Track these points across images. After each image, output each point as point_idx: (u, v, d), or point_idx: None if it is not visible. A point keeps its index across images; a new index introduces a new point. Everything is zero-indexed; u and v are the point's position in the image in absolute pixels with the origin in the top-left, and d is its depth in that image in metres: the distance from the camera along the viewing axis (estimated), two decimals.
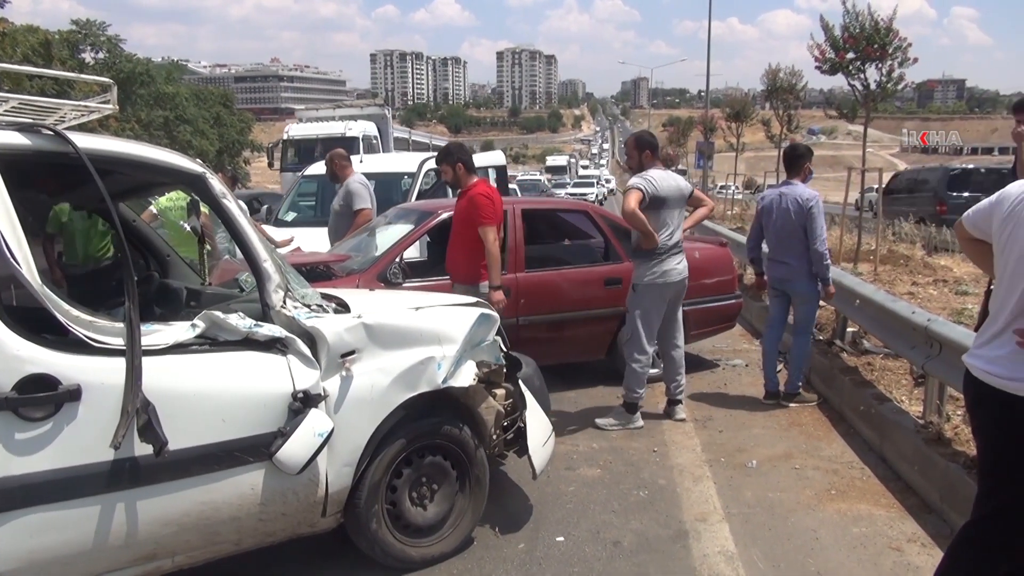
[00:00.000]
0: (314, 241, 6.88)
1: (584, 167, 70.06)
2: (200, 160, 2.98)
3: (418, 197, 8.27)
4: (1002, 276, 2.34)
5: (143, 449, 2.42)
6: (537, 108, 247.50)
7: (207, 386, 2.62)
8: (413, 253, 5.84)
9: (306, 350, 2.82)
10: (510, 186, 15.57)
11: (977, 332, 2.62)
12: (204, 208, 3.89)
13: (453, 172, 4.86)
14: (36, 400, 2.30)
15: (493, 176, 10.63)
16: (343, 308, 3.10)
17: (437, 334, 3.19)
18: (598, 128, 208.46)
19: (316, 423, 2.73)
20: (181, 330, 2.66)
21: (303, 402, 2.74)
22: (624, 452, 4.63)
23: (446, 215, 5.22)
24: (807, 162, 5.44)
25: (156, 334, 2.59)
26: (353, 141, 15.93)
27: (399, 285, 5.02)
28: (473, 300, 3.73)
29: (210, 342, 2.70)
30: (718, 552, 3.38)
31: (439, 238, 5.43)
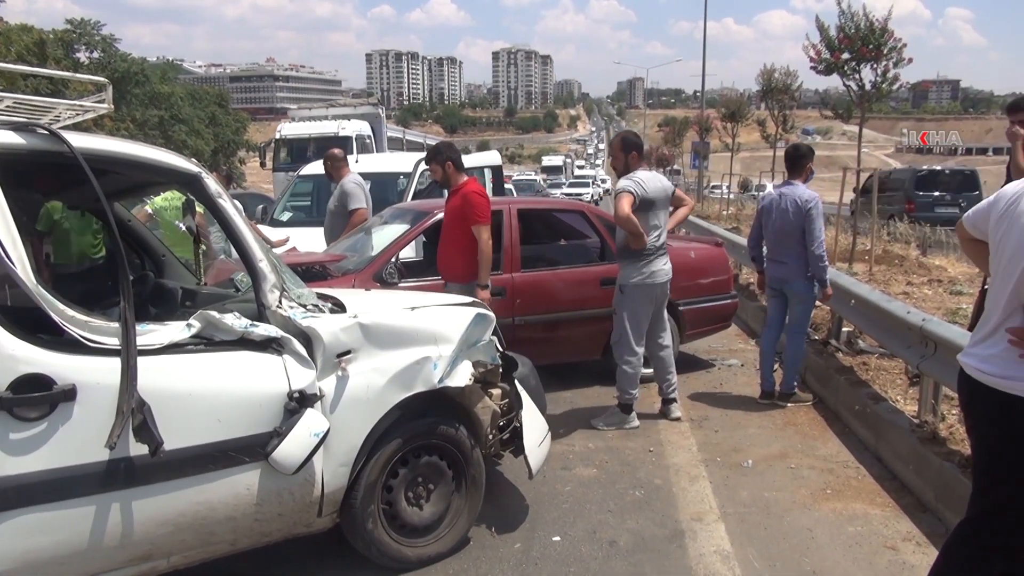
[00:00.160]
0: (310, 241, 6.89)
1: (580, 167, 70.00)
2: (195, 160, 2.97)
3: (414, 197, 8.26)
4: (995, 275, 2.35)
5: (138, 449, 2.41)
6: (533, 108, 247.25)
7: (203, 386, 2.62)
8: (409, 253, 5.84)
9: (302, 350, 2.82)
10: (506, 186, 15.51)
11: (971, 331, 2.63)
12: (200, 208, 3.89)
13: (443, 171, 4.86)
14: (31, 400, 2.30)
15: (489, 176, 10.61)
16: (339, 308, 3.10)
17: (433, 334, 3.19)
18: (594, 128, 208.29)
19: (312, 423, 2.72)
20: (176, 330, 2.65)
21: (299, 402, 2.73)
22: (620, 452, 4.63)
23: (442, 215, 5.22)
24: (809, 162, 5.41)
25: (151, 334, 2.58)
26: (346, 141, 15.68)
27: (395, 285, 5.03)
28: (469, 300, 3.73)
29: (206, 342, 2.69)
30: (714, 551, 3.39)
31: (435, 238, 5.43)
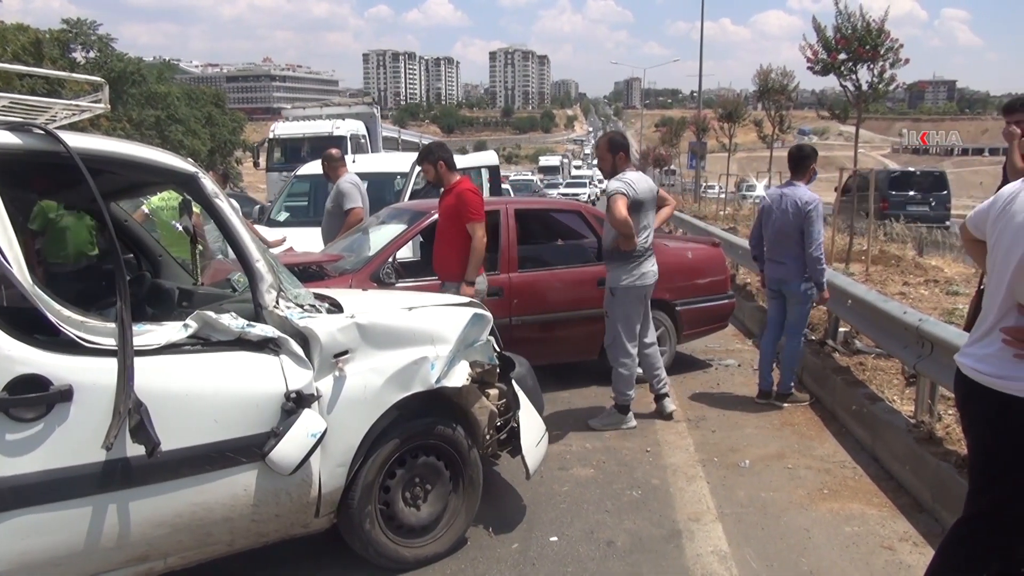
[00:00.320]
0: (307, 241, 6.88)
1: (577, 167, 70.02)
2: (192, 160, 2.96)
3: (411, 197, 8.25)
4: (991, 275, 2.36)
5: (135, 450, 2.41)
6: (530, 108, 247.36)
7: (199, 386, 2.62)
8: (406, 253, 5.83)
9: (299, 350, 2.81)
10: (503, 186, 15.52)
11: (968, 332, 2.63)
12: (196, 208, 3.88)
13: (435, 171, 4.86)
14: (27, 401, 2.29)
15: (486, 176, 10.61)
16: (336, 308, 3.09)
17: (430, 334, 3.19)
18: (591, 128, 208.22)
19: (309, 423, 2.72)
20: (173, 330, 2.65)
21: (296, 402, 2.73)
22: (617, 452, 4.63)
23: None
24: (813, 163, 5.38)
25: (148, 334, 2.57)
26: (341, 140, 15.58)
27: (392, 285, 5.02)
28: (466, 300, 3.73)
29: (202, 342, 2.69)
30: (711, 552, 3.39)
31: (432, 238, 5.43)
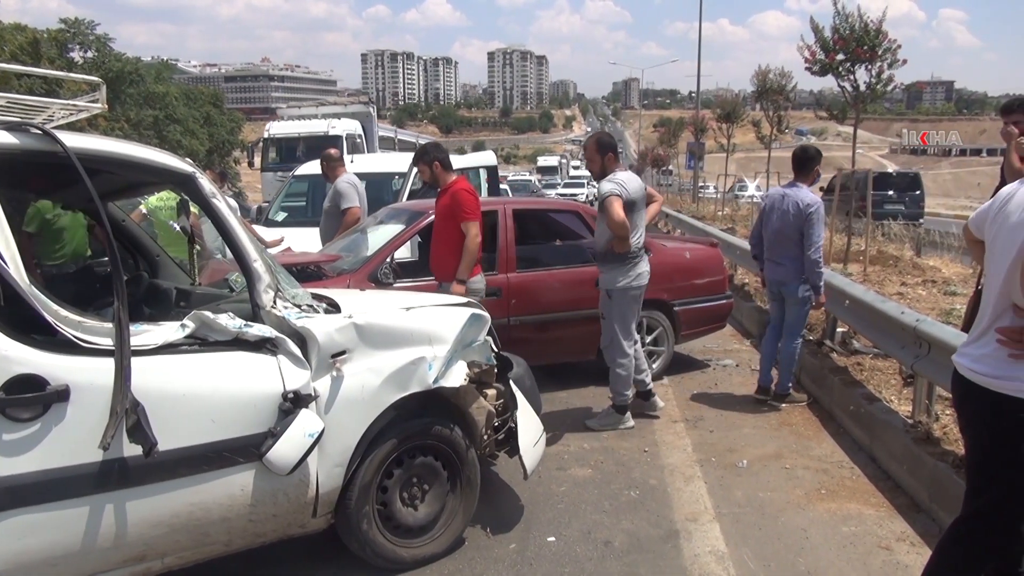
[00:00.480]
0: (305, 241, 6.88)
1: (575, 167, 69.96)
2: (190, 160, 2.96)
3: (409, 197, 8.25)
4: (988, 276, 2.37)
5: (132, 450, 2.40)
6: (528, 108, 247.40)
7: (197, 386, 2.61)
8: (404, 253, 5.83)
9: (296, 350, 2.81)
10: (501, 186, 15.51)
11: (966, 332, 2.64)
12: (194, 208, 3.88)
13: (431, 171, 4.86)
14: (24, 401, 2.29)
15: (484, 176, 10.61)
16: (334, 308, 3.09)
17: (428, 334, 3.19)
18: (589, 129, 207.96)
19: (306, 423, 2.72)
20: (170, 330, 2.65)
21: (293, 402, 2.73)
22: (615, 452, 4.64)
23: None
24: (817, 165, 5.36)
25: (145, 334, 2.57)
26: (336, 140, 15.50)
27: (390, 285, 5.02)
28: (464, 300, 3.73)
29: (200, 342, 2.69)
30: (709, 552, 3.39)
31: (430, 238, 5.43)
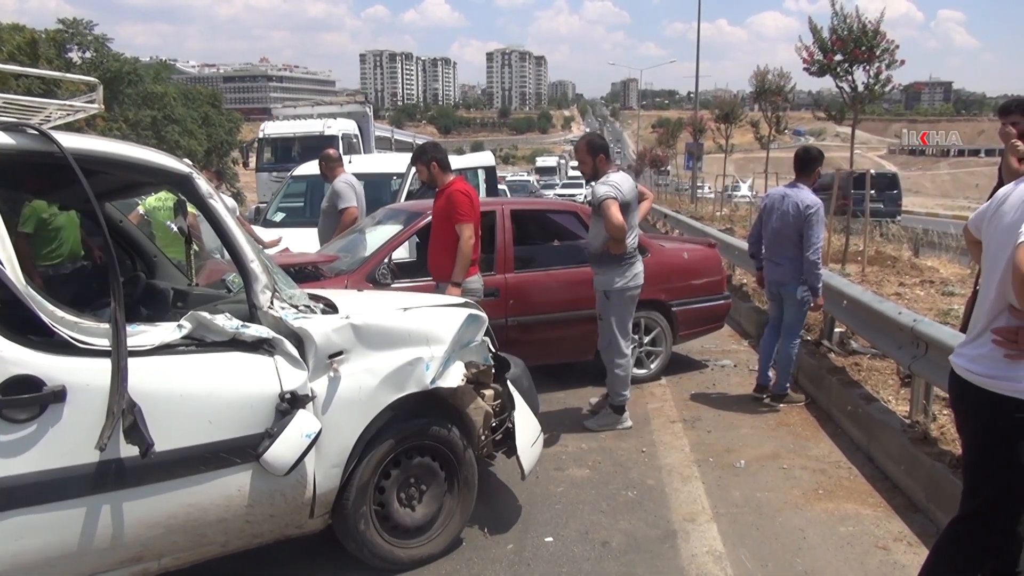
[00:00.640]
0: (303, 241, 6.88)
1: (574, 168, 69.99)
2: (188, 160, 2.96)
3: (407, 198, 8.25)
4: (984, 276, 2.37)
5: (129, 451, 2.40)
6: (527, 109, 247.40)
7: (194, 387, 2.61)
8: (402, 254, 5.83)
9: (294, 351, 2.81)
10: (499, 187, 15.51)
11: (963, 332, 2.64)
12: (192, 208, 3.87)
13: (428, 171, 4.86)
14: (20, 402, 2.29)
15: (483, 177, 10.61)
16: (331, 309, 3.09)
17: (425, 335, 3.19)
18: (587, 129, 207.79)
19: (304, 424, 2.72)
20: (167, 331, 2.64)
21: (290, 403, 2.73)
22: (613, 452, 4.64)
23: None
24: (819, 166, 5.35)
25: (142, 335, 2.57)
26: (332, 140, 15.36)
27: (388, 286, 5.02)
28: (461, 301, 3.73)
29: (197, 343, 2.69)
30: (706, 552, 3.39)
31: (428, 239, 5.43)
